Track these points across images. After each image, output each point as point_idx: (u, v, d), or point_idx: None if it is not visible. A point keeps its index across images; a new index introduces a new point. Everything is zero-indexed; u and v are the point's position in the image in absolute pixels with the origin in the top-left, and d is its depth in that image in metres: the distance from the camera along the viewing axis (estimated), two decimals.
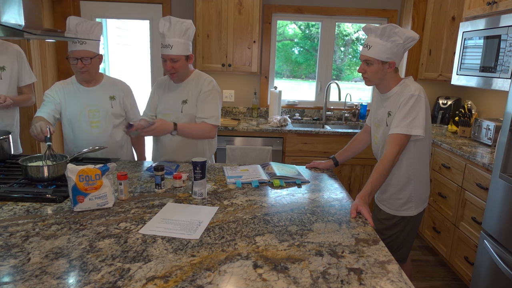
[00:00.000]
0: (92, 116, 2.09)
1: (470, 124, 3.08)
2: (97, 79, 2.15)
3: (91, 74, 2.07)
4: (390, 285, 1.02)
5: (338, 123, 3.91)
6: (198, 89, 2.10)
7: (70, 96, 2.09)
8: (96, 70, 2.11)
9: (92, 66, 2.05)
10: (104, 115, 2.11)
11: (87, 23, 2.01)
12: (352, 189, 3.48)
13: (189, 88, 2.11)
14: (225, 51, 3.44)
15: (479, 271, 2.13)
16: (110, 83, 2.18)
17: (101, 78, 2.17)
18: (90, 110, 2.09)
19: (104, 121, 2.11)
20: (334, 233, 1.31)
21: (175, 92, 2.14)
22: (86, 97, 2.10)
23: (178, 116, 2.11)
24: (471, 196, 2.48)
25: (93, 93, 2.11)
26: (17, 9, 1.80)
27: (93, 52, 2.03)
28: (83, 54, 1.99)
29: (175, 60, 1.99)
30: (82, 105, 2.08)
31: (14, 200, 1.49)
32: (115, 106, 2.14)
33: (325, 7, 3.74)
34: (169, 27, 1.95)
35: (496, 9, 2.58)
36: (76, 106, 2.08)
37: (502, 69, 2.45)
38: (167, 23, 1.96)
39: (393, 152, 1.67)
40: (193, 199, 1.59)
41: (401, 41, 1.70)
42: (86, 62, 2.01)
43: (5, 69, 2.34)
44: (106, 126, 2.12)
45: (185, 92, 2.12)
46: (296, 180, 1.84)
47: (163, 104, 2.17)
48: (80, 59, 1.99)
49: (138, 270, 1.04)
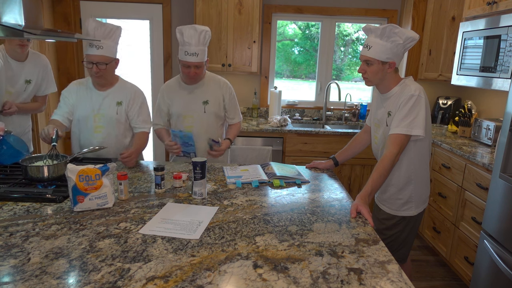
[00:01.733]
0: (97, 120, 2.09)
1: (470, 124, 3.08)
2: (111, 83, 2.12)
3: (105, 78, 2.06)
4: (390, 285, 1.02)
5: (338, 123, 3.91)
6: (222, 91, 2.27)
7: (81, 99, 2.10)
8: (112, 75, 2.10)
9: (107, 71, 2.02)
10: (108, 121, 2.10)
11: (105, 27, 1.96)
12: (352, 189, 3.48)
13: (208, 89, 2.24)
14: (225, 51, 3.44)
15: (479, 271, 2.13)
16: (120, 88, 2.14)
17: (115, 81, 2.14)
18: (96, 115, 2.08)
19: (108, 127, 2.10)
20: (334, 233, 1.31)
21: (194, 94, 2.23)
22: (96, 101, 2.09)
23: (201, 116, 2.24)
24: (471, 196, 2.48)
25: (103, 98, 2.10)
26: (17, 9, 1.80)
27: (109, 57, 2.00)
28: (99, 59, 1.96)
29: (199, 66, 2.10)
30: (90, 109, 2.08)
31: (14, 200, 1.49)
32: (120, 113, 2.11)
33: (325, 7, 3.74)
34: (193, 35, 2.05)
35: (496, 9, 2.58)
36: (85, 110, 2.09)
37: (502, 69, 2.45)
38: (192, 31, 2.04)
39: (393, 152, 1.67)
40: (193, 199, 1.59)
41: (401, 41, 1.69)
42: (101, 67, 1.98)
43: (31, 82, 2.40)
44: (110, 132, 2.11)
45: (204, 93, 2.24)
46: (296, 180, 1.84)
47: (181, 106, 2.24)
48: (95, 63, 1.96)
49: (138, 270, 1.04)
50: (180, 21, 3.72)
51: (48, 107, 3.51)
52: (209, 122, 2.27)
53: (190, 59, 2.06)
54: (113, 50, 2.02)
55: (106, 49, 1.97)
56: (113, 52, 2.03)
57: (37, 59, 2.41)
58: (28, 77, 2.36)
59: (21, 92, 2.36)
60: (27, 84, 2.37)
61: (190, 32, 2.05)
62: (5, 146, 1.81)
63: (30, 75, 2.37)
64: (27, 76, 2.36)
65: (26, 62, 2.34)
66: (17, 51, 2.24)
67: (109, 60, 2.00)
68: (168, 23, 3.71)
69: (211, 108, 2.25)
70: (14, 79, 2.31)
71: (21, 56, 2.31)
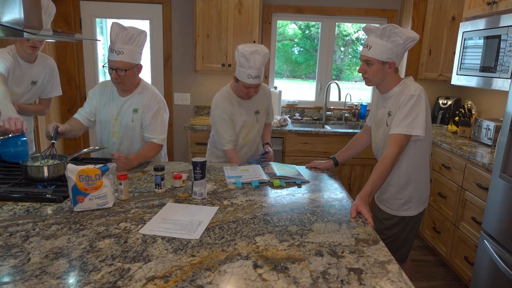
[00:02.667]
0: (115, 126, 2.09)
1: (470, 124, 3.08)
2: (132, 89, 2.08)
3: (126, 85, 2.01)
4: (390, 285, 1.02)
5: (338, 123, 3.91)
6: (267, 100, 2.39)
7: (104, 102, 2.10)
8: (132, 81, 2.04)
9: (127, 78, 1.97)
10: (125, 127, 2.09)
11: (126, 32, 1.90)
12: (352, 189, 3.48)
13: (257, 99, 2.32)
14: (225, 51, 3.44)
15: (479, 271, 2.13)
16: (139, 94, 2.08)
17: (136, 87, 2.09)
18: (115, 119, 2.08)
19: (124, 133, 2.10)
20: (334, 233, 1.31)
21: (248, 104, 2.30)
22: (115, 107, 2.08)
23: (254, 125, 2.34)
24: (471, 196, 2.48)
25: (122, 104, 2.08)
26: (17, 9, 1.80)
27: (130, 63, 1.93)
28: (118, 65, 1.91)
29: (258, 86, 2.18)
30: (110, 114, 2.08)
31: (14, 200, 1.49)
32: (135, 120, 2.08)
33: (325, 7, 3.74)
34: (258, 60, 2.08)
35: (496, 9, 2.58)
36: (105, 114, 2.09)
37: (502, 69, 2.45)
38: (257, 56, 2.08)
39: (394, 153, 1.66)
40: (193, 199, 1.59)
41: (401, 41, 1.69)
42: (121, 74, 1.93)
43: (36, 84, 2.40)
44: (125, 138, 2.11)
45: (255, 103, 2.32)
46: (296, 180, 1.84)
47: (243, 118, 2.28)
48: (115, 69, 1.92)
49: (138, 270, 1.04)
50: (180, 21, 3.72)
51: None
52: (259, 129, 2.41)
53: (253, 82, 2.12)
54: (134, 56, 1.95)
55: (127, 55, 1.91)
56: (134, 58, 1.95)
57: (45, 62, 2.41)
58: (34, 78, 2.36)
59: (25, 93, 2.36)
60: (32, 85, 2.37)
61: (255, 57, 2.08)
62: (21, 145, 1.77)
63: (37, 77, 2.37)
64: (34, 77, 2.36)
65: (34, 64, 2.34)
66: (27, 52, 2.23)
67: (129, 66, 1.94)
68: (168, 23, 3.71)
69: (262, 117, 2.38)
70: (21, 80, 2.31)
71: (30, 57, 2.30)
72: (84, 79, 3.80)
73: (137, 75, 2.05)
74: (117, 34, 1.89)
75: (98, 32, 3.83)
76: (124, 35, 1.90)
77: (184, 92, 3.89)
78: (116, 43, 1.90)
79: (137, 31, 1.94)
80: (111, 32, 1.90)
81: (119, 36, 1.89)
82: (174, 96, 3.88)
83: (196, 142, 3.35)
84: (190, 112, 3.93)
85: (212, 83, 3.86)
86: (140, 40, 1.96)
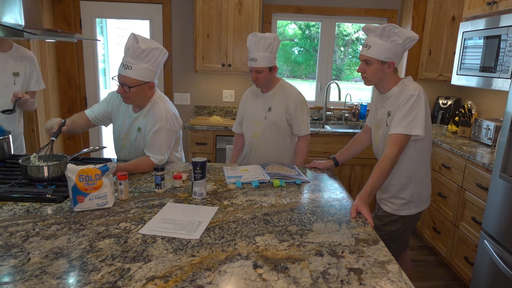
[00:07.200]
0: (124, 139, 2.06)
1: (470, 124, 3.08)
2: (141, 106, 1.97)
3: (132, 101, 1.91)
4: (390, 285, 1.02)
5: (338, 123, 3.91)
6: (287, 100, 2.25)
7: (117, 113, 2.07)
8: (140, 100, 1.91)
9: (133, 95, 1.84)
10: (133, 141, 2.03)
11: (137, 45, 1.77)
12: (352, 189, 3.48)
13: (274, 96, 2.28)
14: (225, 51, 3.44)
15: (479, 271, 2.13)
16: (147, 113, 1.96)
17: (145, 105, 1.96)
18: (126, 134, 2.04)
19: (129, 147, 2.06)
20: (334, 233, 1.31)
21: (262, 100, 2.31)
22: (125, 122, 2.03)
23: (263, 122, 2.29)
24: (471, 196, 2.48)
25: (130, 121, 2.01)
26: (17, 9, 1.80)
27: (135, 79, 1.80)
28: (123, 80, 1.81)
29: (259, 72, 2.17)
30: (121, 128, 2.05)
31: (14, 200, 1.49)
32: (138, 139, 2.01)
33: (325, 7, 3.74)
34: (252, 41, 2.15)
35: (496, 9, 2.58)
36: (118, 126, 2.08)
37: (502, 69, 2.45)
38: (252, 37, 2.14)
39: (394, 152, 1.67)
40: (193, 199, 1.59)
41: (400, 41, 1.70)
42: (126, 89, 1.82)
43: (19, 75, 2.38)
44: (131, 152, 2.07)
45: (270, 100, 2.29)
46: (296, 180, 1.84)
47: (252, 112, 2.34)
48: (121, 84, 1.83)
49: (138, 270, 1.04)
50: (180, 21, 3.72)
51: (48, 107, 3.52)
52: (267, 129, 2.27)
53: (252, 64, 2.17)
54: (144, 73, 1.82)
55: (135, 71, 1.79)
56: (144, 75, 1.82)
57: (23, 52, 2.38)
58: (15, 70, 2.33)
59: (11, 86, 2.33)
60: (16, 77, 2.34)
61: (250, 38, 2.16)
62: None
63: (17, 68, 2.34)
64: (14, 68, 2.33)
65: (9, 53, 2.31)
66: None
67: (135, 83, 1.81)
68: (168, 23, 3.71)
69: (272, 116, 2.25)
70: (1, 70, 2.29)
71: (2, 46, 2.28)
72: (84, 79, 3.80)
73: (147, 93, 1.91)
74: (129, 48, 1.79)
75: (98, 32, 3.84)
76: (135, 49, 1.78)
77: (184, 92, 3.89)
78: (125, 56, 1.81)
79: (150, 46, 1.81)
80: (126, 43, 1.81)
81: (130, 50, 1.79)
82: (174, 96, 3.88)
83: (196, 142, 3.35)
84: (190, 112, 3.93)
85: (212, 83, 3.87)
86: (153, 56, 1.83)
